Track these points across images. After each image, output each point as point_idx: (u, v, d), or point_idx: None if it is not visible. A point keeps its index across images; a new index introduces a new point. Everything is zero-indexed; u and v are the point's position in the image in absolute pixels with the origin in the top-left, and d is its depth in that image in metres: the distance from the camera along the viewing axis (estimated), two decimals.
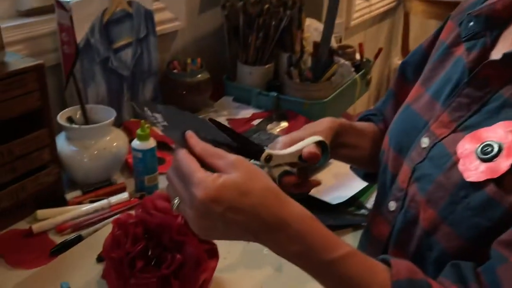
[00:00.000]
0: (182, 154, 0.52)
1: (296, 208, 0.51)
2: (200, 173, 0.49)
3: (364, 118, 0.85)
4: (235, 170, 0.50)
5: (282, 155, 0.64)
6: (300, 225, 0.50)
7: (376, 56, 1.60)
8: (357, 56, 1.58)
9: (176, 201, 0.53)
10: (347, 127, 0.74)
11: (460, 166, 0.53)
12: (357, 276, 0.49)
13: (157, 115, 0.57)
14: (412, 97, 0.68)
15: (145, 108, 0.57)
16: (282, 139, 0.66)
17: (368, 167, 0.82)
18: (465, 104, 0.57)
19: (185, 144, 0.54)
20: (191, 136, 0.54)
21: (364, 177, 0.86)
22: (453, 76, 0.61)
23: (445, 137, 0.58)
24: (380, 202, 0.68)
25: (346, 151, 0.75)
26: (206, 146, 0.53)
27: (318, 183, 0.66)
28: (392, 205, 0.63)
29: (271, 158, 0.62)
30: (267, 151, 0.63)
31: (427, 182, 0.57)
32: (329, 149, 0.66)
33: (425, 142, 0.60)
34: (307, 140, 0.65)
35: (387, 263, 0.51)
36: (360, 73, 1.49)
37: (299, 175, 0.65)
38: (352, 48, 1.56)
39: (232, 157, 0.51)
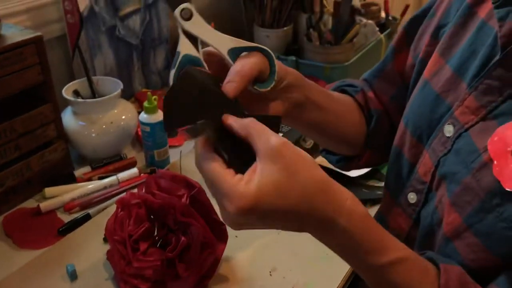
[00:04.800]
0: (200, 150, 0.45)
1: (345, 203, 0.44)
2: (227, 183, 0.43)
3: (337, 89, 0.72)
4: (274, 161, 0.42)
5: None
6: (349, 223, 0.44)
7: (403, 14, 1.49)
8: (382, 14, 1.48)
9: None
10: (312, 84, 0.62)
11: (495, 169, 0.44)
12: (404, 284, 0.45)
13: None
14: (431, 70, 0.57)
15: None
16: (237, 71, 0.50)
17: (338, 141, 0.69)
18: (496, 88, 0.47)
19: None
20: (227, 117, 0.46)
21: (337, 163, 0.74)
22: (479, 48, 0.51)
23: (472, 125, 0.49)
24: (397, 191, 0.60)
25: (314, 113, 0.61)
26: (244, 122, 0.45)
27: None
28: (412, 197, 0.56)
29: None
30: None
31: (454, 182, 0.49)
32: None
33: (449, 130, 0.51)
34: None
35: (437, 265, 0.47)
36: (385, 32, 1.40)
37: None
38: (377, 5, 1.46)
39: (274, 140, 0.43)
